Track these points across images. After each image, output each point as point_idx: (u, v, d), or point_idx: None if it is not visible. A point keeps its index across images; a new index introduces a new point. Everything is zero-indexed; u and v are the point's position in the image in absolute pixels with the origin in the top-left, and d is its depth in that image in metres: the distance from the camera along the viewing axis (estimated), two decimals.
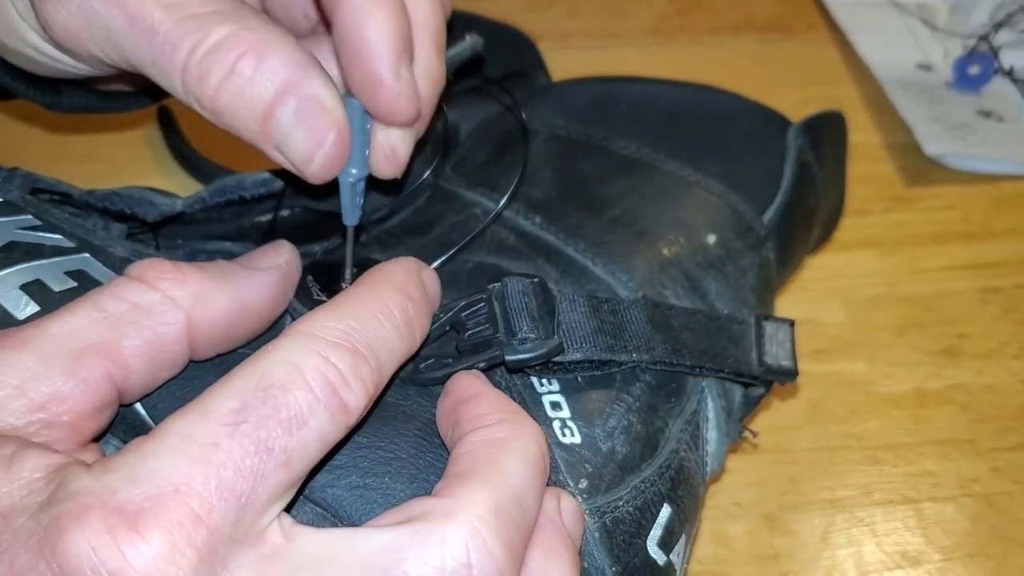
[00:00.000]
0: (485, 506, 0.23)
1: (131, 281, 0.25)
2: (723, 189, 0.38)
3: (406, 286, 0.26)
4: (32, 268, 0.28)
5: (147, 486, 0.20)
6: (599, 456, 0.30)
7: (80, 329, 0.24)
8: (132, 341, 0.24)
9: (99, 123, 0.55)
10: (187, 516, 0.20)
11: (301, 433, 0.22)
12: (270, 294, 0.28)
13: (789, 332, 0.35)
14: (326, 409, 0.22)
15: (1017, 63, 0.61)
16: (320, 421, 0.22)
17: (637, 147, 0.39)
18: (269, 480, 0.21)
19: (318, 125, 0.27)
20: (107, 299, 0.25)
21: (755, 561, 0.41)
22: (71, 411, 0.23)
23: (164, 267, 0.25)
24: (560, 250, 0.35)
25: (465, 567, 0.22)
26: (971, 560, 0.41)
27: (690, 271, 0.36)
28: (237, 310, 0.27)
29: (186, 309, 0.25)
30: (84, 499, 0.20)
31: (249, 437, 0.21)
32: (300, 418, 0.22)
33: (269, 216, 0.36)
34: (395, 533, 0.22)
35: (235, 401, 0.22)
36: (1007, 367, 0.48)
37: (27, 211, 0.30)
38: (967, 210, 0.55)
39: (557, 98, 0.42)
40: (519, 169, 0.38)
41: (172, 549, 0.20)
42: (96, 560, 0.19)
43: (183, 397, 0.27)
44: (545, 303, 0.31)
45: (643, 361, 0.32)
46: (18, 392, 0.23)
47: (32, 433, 0.23)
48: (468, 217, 0.37)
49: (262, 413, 0.21)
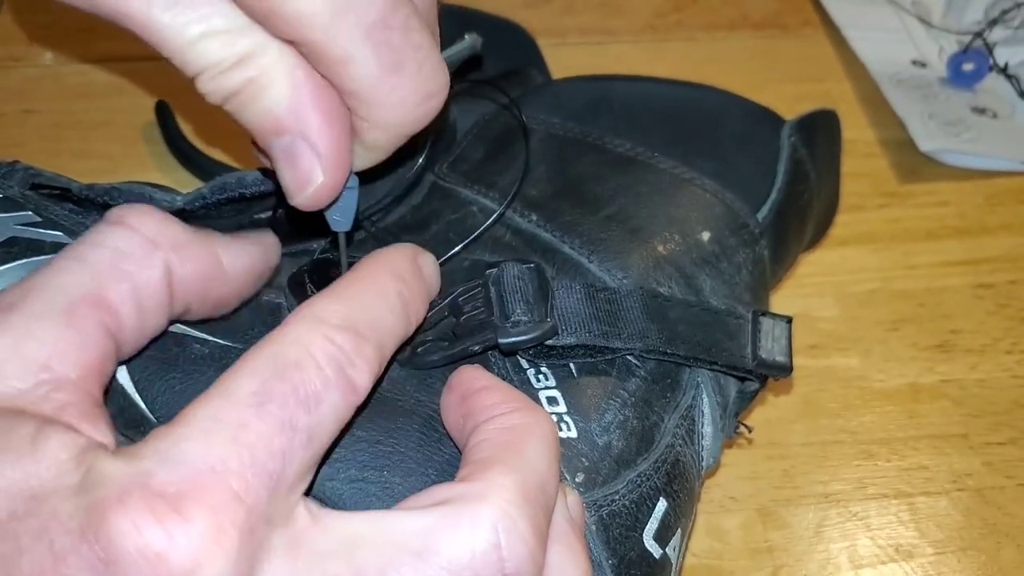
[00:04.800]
0: (513, 490, 0.23)
1: (110, 226, 0.25)
2: (717, 187, 0.38)
3: (401, 269, 0.27)
4: (33, 263, 0.29)
5: (184, 469, 0.20)
6: (595, 450, 0.30)
7: (66, 284, 0.24)
8: (119, 288, 0.24)
9: (96, 119, 0.55)
10: (227, 496, 0.20)
11: (319, 411, 0.22)
12: (246, 261, 0.28)
13: (786, 329, 0.36)
14: (337, 388, 0.23)
15: (1011, 60, 0.62)
16: (333, 399, 0.23)
17: (632, 145, 0.39)
18: (296, 458, 0.22)
19: (303, 167, 0.26)
20: (87, 249, 0.25)
21: (749, 554, 0.41)
22: (76, 366, 0.23)
23: (144, 209, 0.26)
24: (556, 247, 0.35)
25: (496, 548, 0.22)
26: (964, 554, 0.41)
27: (685, 268, 0.36)
28: (213, 264, 0.27)
29: (164, 252, 0.25)
30: (122, 484, 0.20)
31: (274, 416, 0.21)
32: (316, 396, 0.22)
33: (269, 213, 0.36)
34: (425, 516, 0.22)
35: (255, 383, 0.22)
36: (1000, 362, 0.48)
37: (27, 207, 0.31)
38: (961, 206, 0.56)
39: (552, 97, 0.43)
40: (517, 168, 0.38)
41: (216, 529, 0.20)
42: (142, 542, 0.19)
43: (183, 391, 0.27)
44: (540, 288, 0.32)
45: (636, 349, 0.32)
46: (15, 354, 0.22)
47: (42, 397, 0.22)
48: (465, 215, 0.37)
49: (283, 392, 0.22)
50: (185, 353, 0.28)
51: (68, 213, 0.31)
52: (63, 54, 0.58)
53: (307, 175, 0.26)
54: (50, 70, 0.58)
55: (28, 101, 0.55)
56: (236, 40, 0.24)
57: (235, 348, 0.29)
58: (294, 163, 0.26)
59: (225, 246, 0.28)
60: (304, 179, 0.26)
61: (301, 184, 0.26)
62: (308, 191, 0.26)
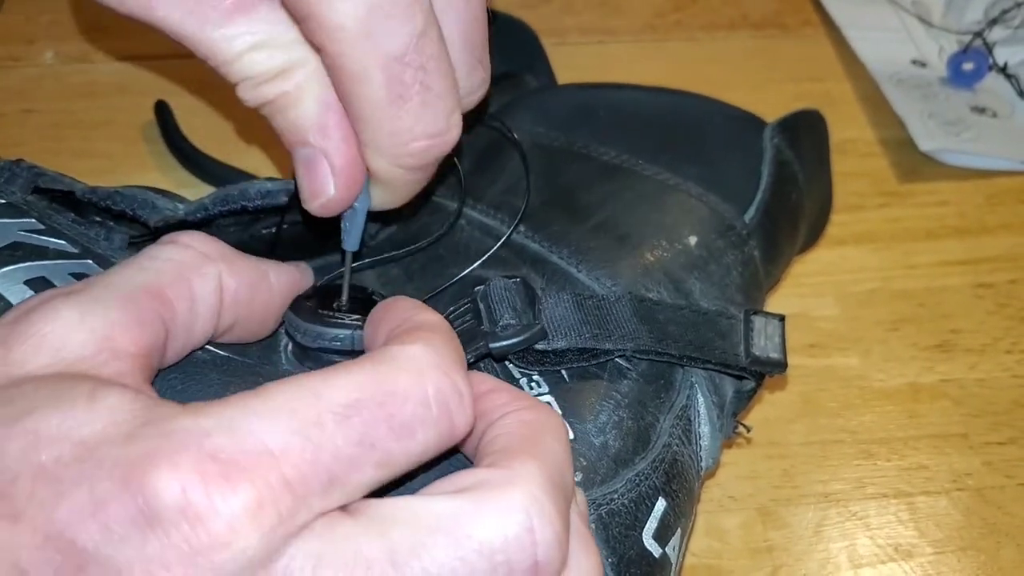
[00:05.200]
0: (540, 476, 0.23)
1: (164, 245, 0.27)
2: (702, 191, 0.39)
3: None
4: (37, 267, 0.29)
5: (243, 441, 0.20)
6: (592, 450, 0.31)
7: (126, 277, 0.25)
8: (176, 287, 0.25)
9: (96, 118, 0.55)
10: (277, 479, 0.20)
11: (406, 442, 0.22)
12: (288, 278, 0.30)
13: (779, 326, 0.36)
14: (436, 427, 0.23)
15: (1011, 59, 0.62)
16: (428, 436, 0.23)
17: (617, 153, 0.40)
18: (363, 473, 0.22)
19: (318, 177, 0.29)
20: (144, 259, 0.26)
21: (749, 554, 0.41)
22: (133, 342, 0.24)
23: (195, 232, 0.27)
24: (545, 258, 0.35)
25: (528, 531, 0.22)
26: (963, 553, 0.41)
27: (673, 273, 0.36)
28: (260, 276, 0.28)
29: (216, 265, 0.27)
30: (179, 437, 0.20)
31: (356, 430, 0.21)
32: (410, 429, 0.22)
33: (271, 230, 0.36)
34: (456, 499, 0.22)
35: (351, 396, 0.22)
36: (1000, 362, 0.48)
37: (31, 214, 0.31)
38: (961, 205, 0.56)
39: (538, 106, 0.43)
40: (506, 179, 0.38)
41: (258, 506, 0.20)
42: (184, 500, 0.19)
43: (184, 391, 0.27)
44: (527, 296, 0.32)
45: (628, 350, 0.32)
46: (80, 324, 0.23)
47: (103, 363, 0.23)
48: (455, 229, 0.37)
49: (375, 415, 0.22)
50: (187, 357, 0.28)
51: (71, 223, 0.31)
52: (63, 53, 0.58)
53: (321, 186, 0.29)
54: (50, 69, 0.58)
55: (28, 101, 0.55)
56: (277, 55, 0.27)
57: (235, 360, 0.29)
58: (312, 172, 0.29)
59: (269, 264, 0.29)
60: (318, 189, 0.29)
61: (315, 192, 0.29)
62: (320, 200, 0.29)
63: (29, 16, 0.60)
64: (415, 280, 0.35)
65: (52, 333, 0.23)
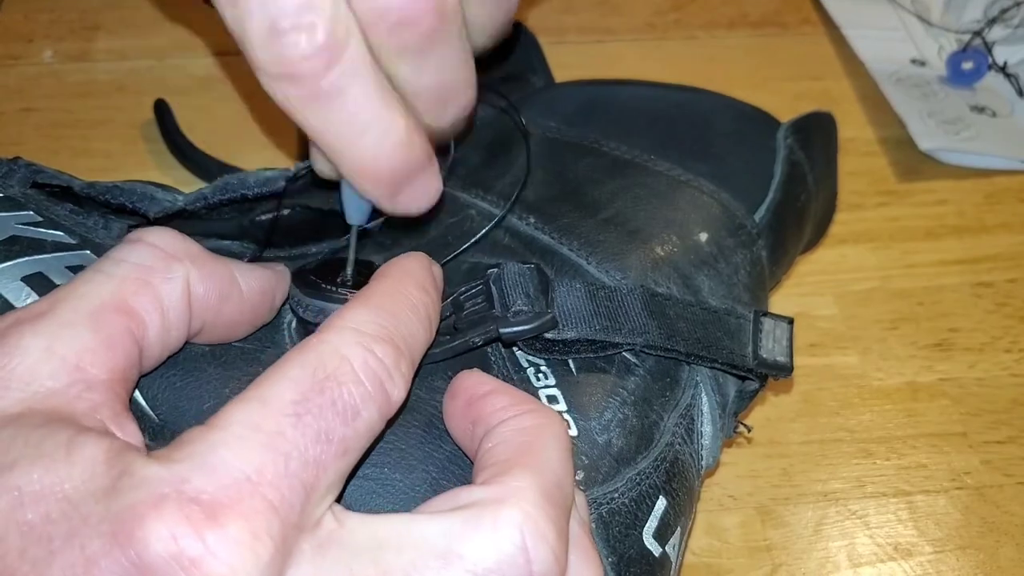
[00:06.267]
0: (534, 491, 0.23)
1: (130, 243, 0.26)
2: (714, 188, 0.38)
3: (424, 281, 0.27)
4: (34, 261, 0.29)
5: (220, 476, 0.20)
6: (595, 448, 0.31)
7: (91, 292, 0.24)
8: (143, 297, 0.25)
9: (95, 117, 0.55)
10: (263, 505, 0.20)
11: (355, 424, 0.23)
12: (261, 283, 0.29)
13: (787, 329, 0.36)
14: (374, 401, 0.23)
15: (1011, 58, 0.62)
16: (370, 412, 0.23)
17: (628, 148, 0.39)
18: (329, 469, 0.22)
19: None
20: (110, 264, 0.25)
21: (748, 553, 0.41)
22: (105, 368, 0.23)
23: (162, 229, 0.27)
24: (555, 250, 0.35)
25: (521, 551, 0.22)
26: (963, 552, 0.41)
27: (683, 269, 0.36)
28: (229, 281, 0.27)
29: (184, 265, 0.26)
30: (157, 488, 0.20)
31: (311, 428, 0.22)
32: (354, 409, 0.23)
33: (270, 215, 0.36)
34: (448, 519, 0.22)
35: (294, 392, 0.22)
36: (999, 361, 0.48)
37: (28, 207, 0.31)
38: (960, 205, 0.56)
39: (549, 101, 0.43)
40: (515, 171, 0.38)
41: (252, 537, 0.20)
42: (177, 549, 0.19)
43: (183, 387, 0.27)
44: (541, 283, 0.32)
45: (637, 344, 0.32)
46: (48, 354, 0.23)
47: (75, 396, 0.22)
48: (463, 219, 0.37)
49: (321, 404, 0.22)
50: (185, 352, 0.28)
51: (69, 213, 0.31)
52: (62, 52, 0.58)
53: None
54: (49, 68, 0.58)
55: (27, 99, 0.55)
56: None
57: (236, 346, 0.29)
58: None
59: (240, 267, 0.28)
60: None
61: None
62: None
63: (28, 15, 0.60)
64: None
65: (20, 366, 0.22)
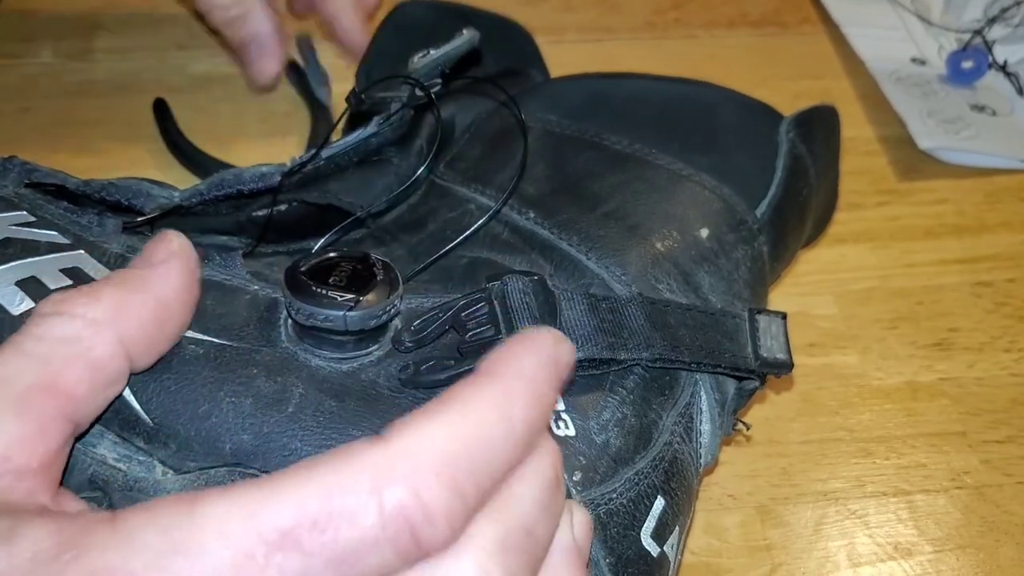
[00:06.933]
0: (492, 542, 0.21)
1: (46, 317, 0.24)
2: (715, 183, 0.38)
3: (542, 390, 0.22)
4: (28, 265, 0.28)
5: None
6: (593, 448, 0.30)
7: (13, 376, 0.23)
8: (71, 372, 0.23)
9: (94, 116, 0.55)
10: None
11: (350, 569, 0.19)
12: (178, 284, 0.27)
13: (782, 325, 0.35)
14: (392, 548, 0.20)
15: (1011, 57, 0.62)
16: (381, 558, 0.20)
17: (630, 142, 0.39)
18: None
19: None
20: (30, 342, 0.24)
21: (748, 552, 0.41)
22: (36, 455, 0.22)
23: (72, 295, 0.25)
24: (554, 245, 0.35)
25: None
26: (963, 552, 0.41)
27: (683, 264, 0.36)
28: (158, 310, 0.26)
29: (111, 325, 0.24)
30: None
31: (285, 571, 0.19)
32: (356, 555, 0.19)
33: (266, 211, 0.36)
34: None
35: (289, 519, 0.19)
36: (998, 360, 0.48)
37: (22, 207, 0.30)
38: (960, 204, 0.56)
39: (550, 94, 0.43)
40: (515, 166, 0.38)
41: None
42: None
43: (178, 391, 0.27)
44: (547, 302, 0.31)
45: (643, 359, 0.32)
46: None
47: (8, 487, 0.21)
48: (462, 213, 0.37)
49: (311, 546, 0.19)
50: (179, 354, 0.28)
51: (63, 212, 0.31)
52: (61, 51, 0.58)
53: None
54: (48, 68, 0.57)
55: (26, 99, 0.55)
56: None
57: (230, 347, 0.29)
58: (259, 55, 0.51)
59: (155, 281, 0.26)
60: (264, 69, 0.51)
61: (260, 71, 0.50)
62: None
63: (28, 14, 0.60)
64: (420, 261, 0.35)
65: None
